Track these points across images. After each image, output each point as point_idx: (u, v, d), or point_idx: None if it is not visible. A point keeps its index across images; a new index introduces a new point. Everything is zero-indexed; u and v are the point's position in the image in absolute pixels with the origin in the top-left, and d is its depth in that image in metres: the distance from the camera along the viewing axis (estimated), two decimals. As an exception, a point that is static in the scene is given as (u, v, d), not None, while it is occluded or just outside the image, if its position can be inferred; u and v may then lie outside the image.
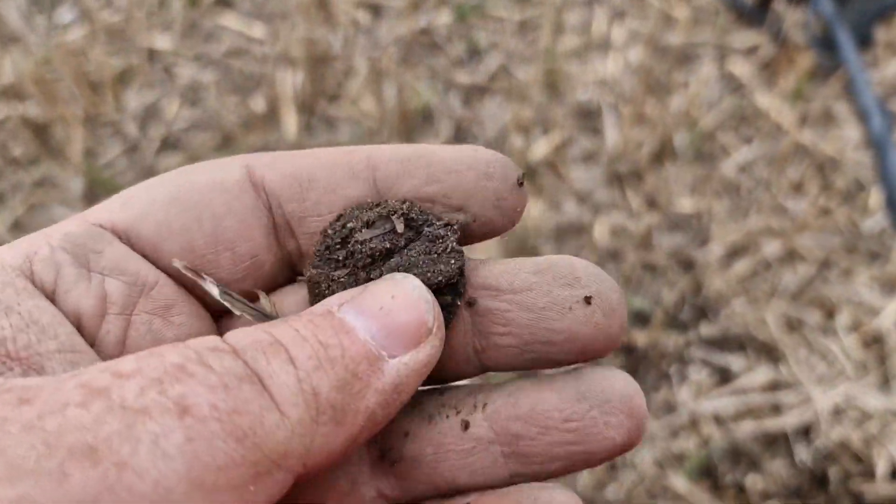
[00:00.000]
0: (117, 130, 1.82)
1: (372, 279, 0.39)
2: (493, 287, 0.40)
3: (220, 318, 0.41)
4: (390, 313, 0.35)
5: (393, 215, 0.40)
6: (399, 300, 0.35)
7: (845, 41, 1.89)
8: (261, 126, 1.81)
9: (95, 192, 1.73)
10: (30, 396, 0.26)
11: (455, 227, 0.40)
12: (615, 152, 1.78)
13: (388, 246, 0.39)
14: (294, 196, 0.40)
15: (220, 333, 0.39)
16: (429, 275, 0.39)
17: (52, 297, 0.35)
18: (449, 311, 0.39)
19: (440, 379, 0.41)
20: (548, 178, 1.75)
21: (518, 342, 0.39)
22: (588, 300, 0.38)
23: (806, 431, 1.45)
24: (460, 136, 1.82)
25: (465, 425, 0.39)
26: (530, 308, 0.38)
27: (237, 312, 0.39)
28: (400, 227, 0.39)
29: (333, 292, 0.39)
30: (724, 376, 1.52)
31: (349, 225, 0.40)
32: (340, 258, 0.40)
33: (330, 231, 0.40)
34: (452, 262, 0.39)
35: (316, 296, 0.40)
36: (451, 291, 0.39)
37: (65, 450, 0.24)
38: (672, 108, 1.84)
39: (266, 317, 0.40)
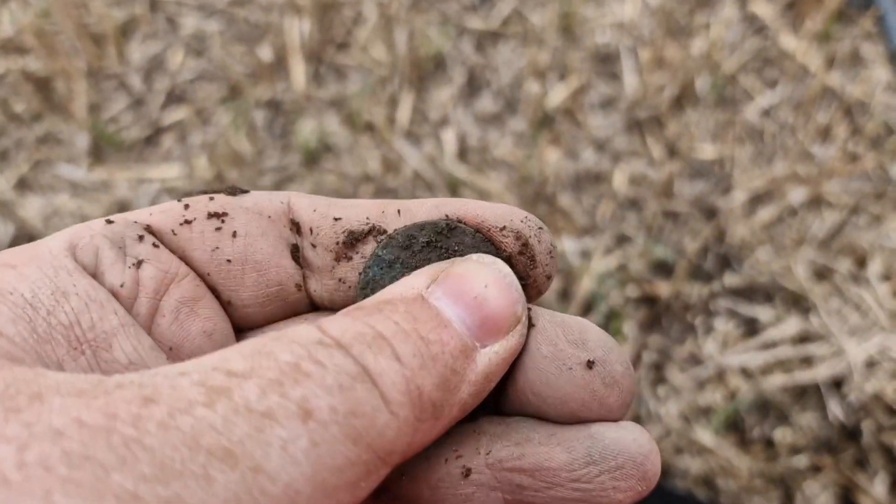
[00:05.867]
0: (121, 83, 1.77)
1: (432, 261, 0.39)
2: None
3: (241, 332, 0.42)
4: (484, 302, 0.35)
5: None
6: (492, 288, 0.35)
7: (874, -22, 1.81)
8: (268, 76, 1.76)
9: (101, 147, 1.68)
10: (151, 394, 0.27)
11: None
12: (634, 98, 1.72)
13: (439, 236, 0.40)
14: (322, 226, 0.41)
15: (237, 338, 0.41)
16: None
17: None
18: None
19: None
20: (565, 126, 1.70)
21: (511, 384, 0.38)
22: (590, 364, 0.36)
23: (838, 384, 1.42)
24: (474, 83, 1.77)
25: (467, 472, 0.37)
26: (531, 351, 0.37)
27: None
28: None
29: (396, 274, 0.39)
30: (751, 328, 1.48)
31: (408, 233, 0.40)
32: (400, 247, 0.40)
33: (393, 233, 0.40)
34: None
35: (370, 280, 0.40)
36: None
37: (205, 452, 0.26)
38: (693, 52, 1.77)
39: None
